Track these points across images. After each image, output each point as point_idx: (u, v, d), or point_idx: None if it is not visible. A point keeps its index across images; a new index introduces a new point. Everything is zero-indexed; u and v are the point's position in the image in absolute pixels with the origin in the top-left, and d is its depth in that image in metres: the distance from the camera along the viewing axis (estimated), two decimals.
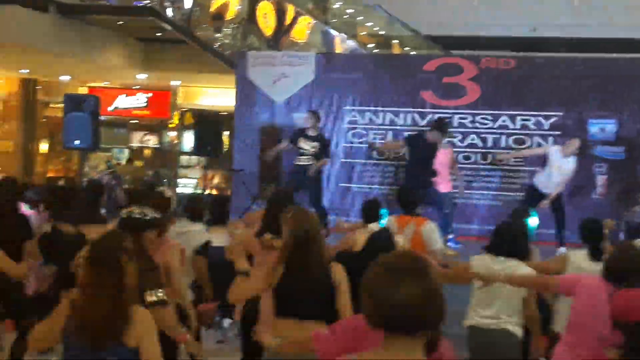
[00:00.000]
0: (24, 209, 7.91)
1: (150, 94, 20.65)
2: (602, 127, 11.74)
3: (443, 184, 10.86)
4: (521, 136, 12.18)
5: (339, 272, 4.63)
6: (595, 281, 4.82)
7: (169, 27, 14.43)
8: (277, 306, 4.58)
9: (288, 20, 15.86)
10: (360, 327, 2.89)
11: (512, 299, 5.55)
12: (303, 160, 11.18)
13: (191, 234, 7.01)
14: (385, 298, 2.28)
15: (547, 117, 12.08)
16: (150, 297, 4.35)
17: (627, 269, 4.63)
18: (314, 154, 11.14)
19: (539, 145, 12.01)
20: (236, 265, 4.70)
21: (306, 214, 4.81)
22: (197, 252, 6.82)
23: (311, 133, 11.26)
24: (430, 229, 7.54)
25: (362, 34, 18.15)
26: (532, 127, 12.13)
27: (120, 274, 3.64)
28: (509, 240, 5.70)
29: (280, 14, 15.57)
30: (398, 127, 12.59)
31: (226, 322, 8.25)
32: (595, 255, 5.89)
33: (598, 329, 4.56)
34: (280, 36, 15.62)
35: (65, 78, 19.64)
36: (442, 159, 10.83)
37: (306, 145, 11.18)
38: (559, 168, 10.44)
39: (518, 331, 5.59)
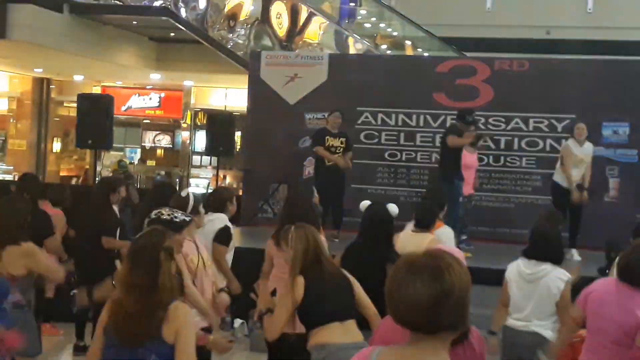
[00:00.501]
0: (48, 207, 7.93)
1: (163, 94, 20.72)
2: (615, 129, 11.71)
3: (466, 187, 10.78)
4: (534, 138, 12.15)
5: (347, 272, 4.86)
6: (605, 285, 4.79)
7: (182, 28, 14.47)
8: (312, 317, 4.69)
9: (301, 21, 15.88)
10: None
11: (544, 303, 5.58)
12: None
13: (214, 222, 6.86)
14: (399, 297, 2.27)
15: (560, 120, 12.04)
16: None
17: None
18: (343, 150, 11.17)
19: (552, 148, 11.98)
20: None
21: (310, 229, 4.90)
22: (214, 238, 6.57)
23: (335, 130, 11.24)
24: (443, 233, 7.47)
25: (375, 34, 18.15)
26: (545, 129, 12.10)
27: (156, 272, 3.63)
28: (542, 244, 5.72)
29: (294, 14, 15.60)
30: (411, 129, 12.58)
31: (237, 322, 8.27)
32: None
33: (613, 332, 4.53)
34: (293, 37, 15.64)
35: (78, 77, 19.74)
36: (468, 161, 10.77)
37: (336, 142, 11.17)
38: (582, 159, 10.37)
39: (548, 334, 5.58)
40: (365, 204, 5.70)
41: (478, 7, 15.17)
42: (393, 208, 5.99)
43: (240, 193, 13.66)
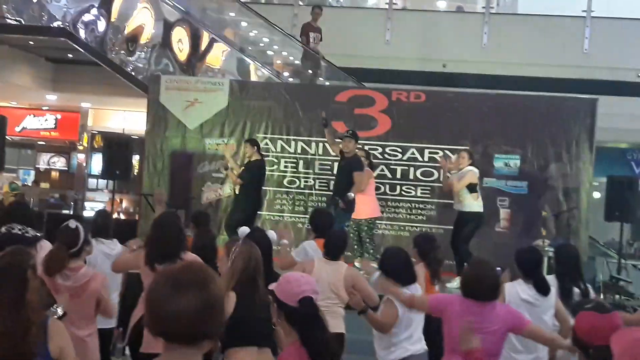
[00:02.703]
0: None
1: (59, 116, 20.30)
2: (506, 162, 12.08)
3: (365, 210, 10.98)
4: (429, 169, 12.42)
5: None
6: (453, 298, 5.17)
7: (81, 50, 14.21)
8: (234, 336, 4.59)
9: (203, 46, 15.84)
10: None
11: None
12: None
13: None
14: (167, 311, 2.32)
15: (454, 151, 12.33)
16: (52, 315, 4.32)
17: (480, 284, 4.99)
18: None
19: (447, 178, 12.26)
20: None
21: (256, 249, 4.92)
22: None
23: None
24: (309, 244, 7.44)
25: (277, 62, 18.25)
26: (440, 160, 12.38)
27: (24, 289, 3.63)
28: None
29: (195, 39, 15.54)
30: (309, 156, 12.69)
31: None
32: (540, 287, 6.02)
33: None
34: (194, 62, 15.58)
35: None
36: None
37: None
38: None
39: None
40: (244, 230, 5.73)
41: (377, 38, 15.46)
42: (272, 234, 6.05)
43: (137, 218, 13.47)
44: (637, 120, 15.97)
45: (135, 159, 15.80)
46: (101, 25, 14.40)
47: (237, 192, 11.36)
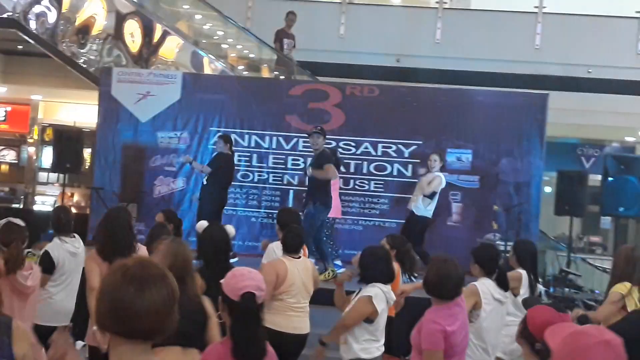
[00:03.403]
0: None
1: (9, 108, 19.90)
2: (458, 156, 12.18)
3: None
4: (382, 163, 12.47)
5: (209, 305, 4.70)
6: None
7: (31, 41, 13.98)
8: None
9: (156, 39, 15.68)
10: None
11: None
12: None
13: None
14: (137, 309, 2.29)
15: (407, 146, 12.41)
16: None
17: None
18: None
19: (400, 172, 12.34)
20: None
21: (184, 247, 4.82)
22: None
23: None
24: (277, 245, 7.45)
25: (231, 55, 18.15)
26: (393, 154, 12.44)
27: None
28: None
29: (148, 32, 15.37)
30: (263, 150, 12.65)
31: (79, 344, 8.02)
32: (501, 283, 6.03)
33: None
34: (147, 54, 15.41)
35: None
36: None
37: None
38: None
39: None
40: (202, 224, 5.67)
41: (332, 32, 15.46)
42: (230, 229, 6.02)
43: (88, 212, 13.31)
44: (588, 116, 16.22)
45: (87, 152, 15.60)
46: (52, 17, 14.17)
47: (205, 183, 11.22)
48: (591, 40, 15.32)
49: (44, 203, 17.77)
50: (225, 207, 12.30)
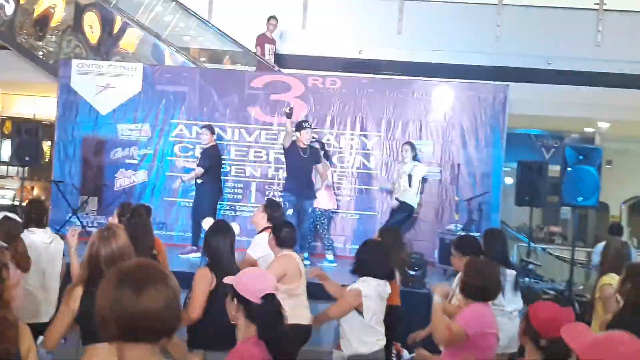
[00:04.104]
0: None
1: None
2: (420, 148, 12.21)
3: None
4: (344, 155, 12.48)
5: None
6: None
7: None
8: (85, 331, 4.42)
9: (116, 30, 15.51)
10: None
11: None
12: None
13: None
14: (140, 310, 2.27)
15: (369, 137, 12.44)
16: None
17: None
18: None
19: (362, 164, 12.37)
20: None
21: (115, 235, 4.60)
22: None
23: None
24: (262, 238, 7.38)
25: (193, 47, 18.02)
26: (355, 146, 12.46)
27: (1, 289, 3.61)
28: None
29: (108, 23, 15.20)
30: (225, 142, 12.60)
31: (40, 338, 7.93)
32: None
33: None
34: (107, 46, 15.25)
35: None
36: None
37: None
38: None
39: None
40: (208, 221, 5.65)
41: (294, 24, 15.40)
42: (236, 226, 6.08)
43: (48, 205, 13.15)
44: (548, 107, 16.31)
45: (46, 145, 15.43)
46: (9, 9, 14.01)
47: (198, 181, 11.15)
48: (551, 31, 15.41)
49: (3, 197, 17.54)
50: (186, 200, 12.28)
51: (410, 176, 11.02)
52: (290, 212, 9.86)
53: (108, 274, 2.36)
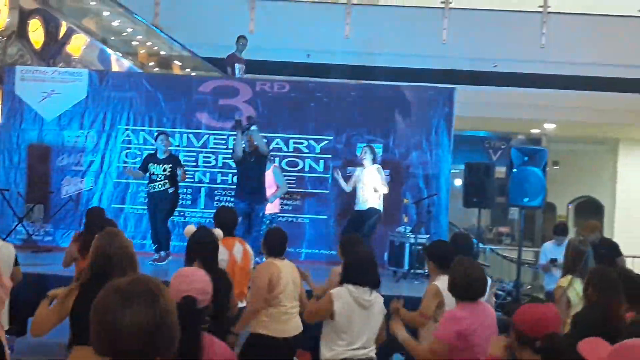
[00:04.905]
0: None
1: None
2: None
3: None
4: (294, 159, 12.48)
5: None
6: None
7: None
8: (75, 331, 4.41)
9: (61, 36, 15.33)
10: None
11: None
12: (157, 186, 10.87)
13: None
14: (115, 325, 2.21)
15: (318, 141, 12.46)
16: None
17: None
18: (168, 177, 10.87)
19: (311, 168, 12.38)
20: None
21: (113, 238, 4.62)
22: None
23: (162, 156, 10.92)
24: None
25: (141, 52, 17.91)
26: (305, 150, 12.47)
27: None
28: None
29: (53, 29, 15.02)
30: (173, 148, 12.50)
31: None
32: None
33: None
34: (53, 52, 15.06)
35: None
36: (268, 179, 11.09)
37: (158, 170, 10.84)
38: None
39: None
40: (191, 228, 5.60)
41: (241, 28, 15.37)
42: (218, 232, 6.06)
43: None
44: (494, 109, 16.56)
45: None
46: None
47: (172, 190, 11.02)
48: (496, 34, 15.64)
49: None
50: (135, 207, 12.21)
51: (372, 179, 10.96)
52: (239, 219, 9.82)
53: (105, 287, 2.30)
